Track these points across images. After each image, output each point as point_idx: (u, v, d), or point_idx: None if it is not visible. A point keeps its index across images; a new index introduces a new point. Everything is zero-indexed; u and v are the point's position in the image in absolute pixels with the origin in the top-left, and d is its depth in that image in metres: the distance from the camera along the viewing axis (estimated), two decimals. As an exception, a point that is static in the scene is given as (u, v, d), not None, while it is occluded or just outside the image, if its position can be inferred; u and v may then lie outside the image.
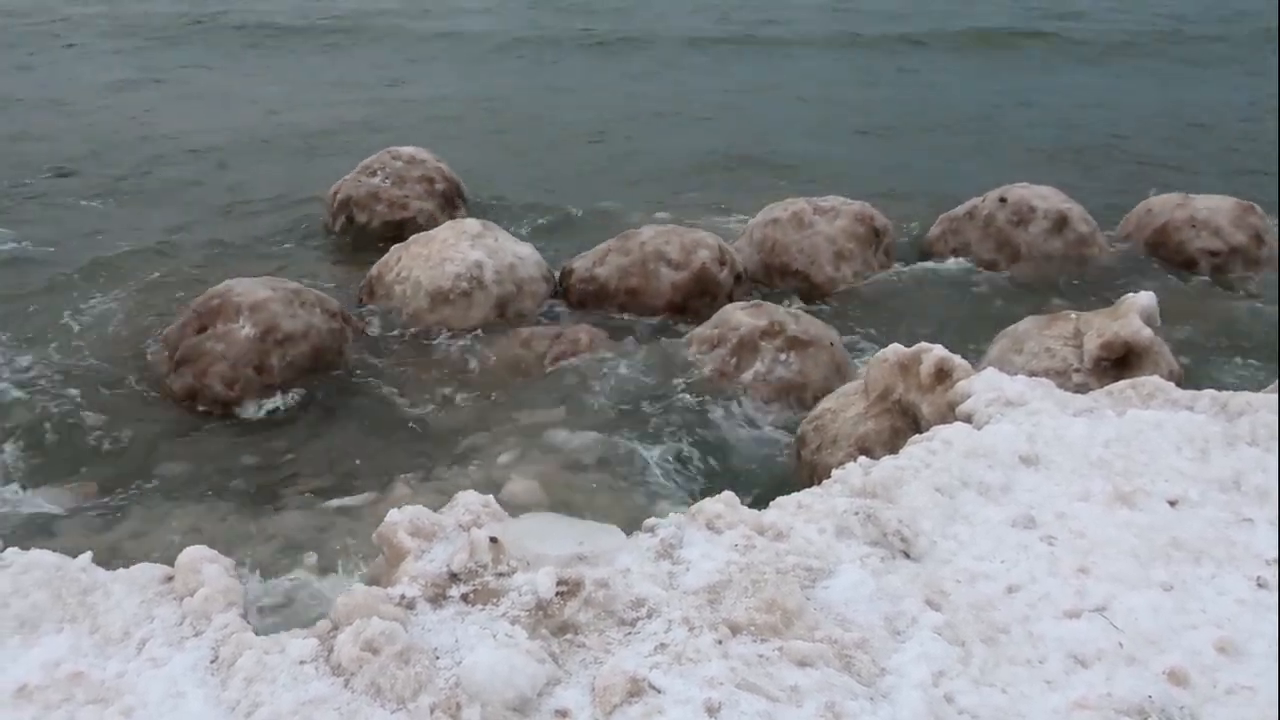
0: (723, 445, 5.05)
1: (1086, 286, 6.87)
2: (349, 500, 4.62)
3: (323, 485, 4.78)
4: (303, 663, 2.37)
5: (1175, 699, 2.30)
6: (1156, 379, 3.79)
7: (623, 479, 4.72)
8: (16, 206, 8.76)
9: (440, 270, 6.09)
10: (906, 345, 4.17)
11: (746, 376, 5.31)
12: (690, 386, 5.41)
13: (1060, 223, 7.02)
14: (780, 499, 3.14)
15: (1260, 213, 7.20)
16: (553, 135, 10.83)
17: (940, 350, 3.98)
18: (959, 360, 3.95)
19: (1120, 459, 3.23)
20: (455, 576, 2.64)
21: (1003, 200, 7.16)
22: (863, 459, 3.35)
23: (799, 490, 3.24)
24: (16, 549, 2.86)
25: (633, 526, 2.98)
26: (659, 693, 2.27)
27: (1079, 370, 4.70)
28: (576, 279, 6.45)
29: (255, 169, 9.72)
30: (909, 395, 4.01)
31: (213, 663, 2.44)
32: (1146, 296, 4.73)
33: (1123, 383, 3.83)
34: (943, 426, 3.50)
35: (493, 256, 6.21)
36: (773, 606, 2.52)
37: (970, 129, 11.21)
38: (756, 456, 4.97)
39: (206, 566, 2.76)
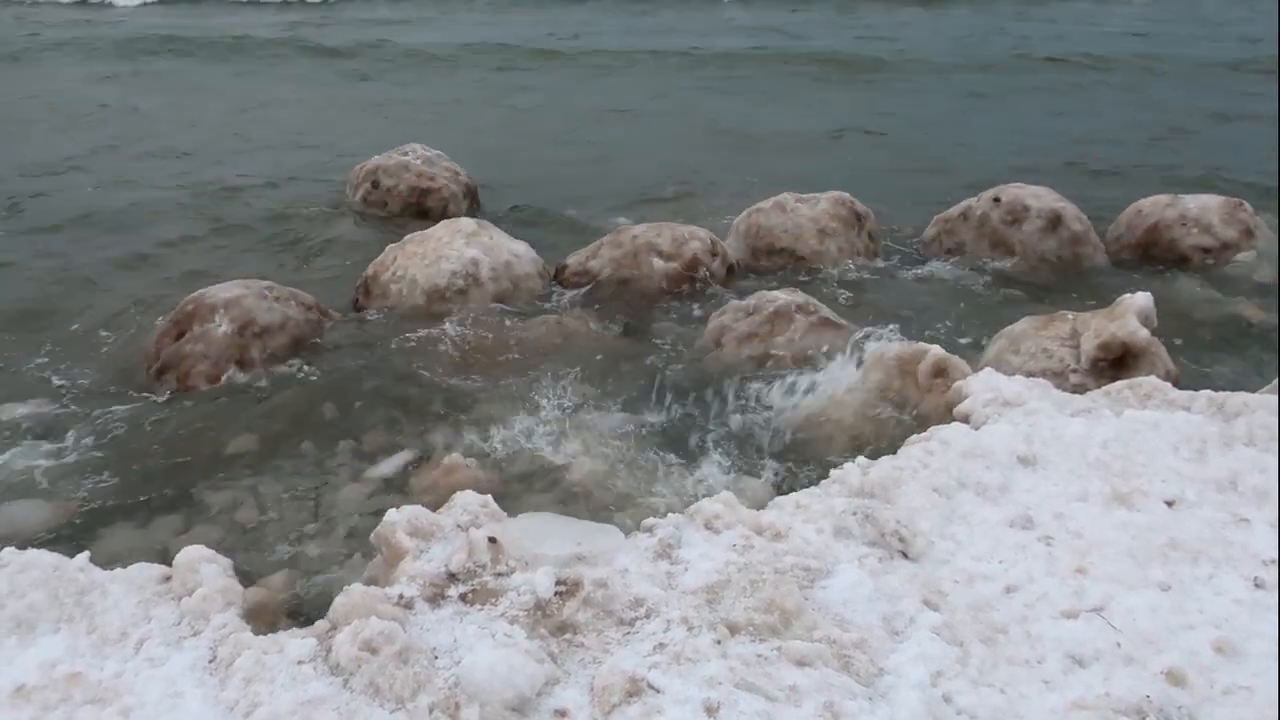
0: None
1: (1081, 286, 6.88)
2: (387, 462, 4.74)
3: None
4: (301, 662, 2.37)
5: (1173, 699, 2.31)
6: (1154, 379, 3.80)
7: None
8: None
9: (436, 268, 6.09)
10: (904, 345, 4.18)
11: (779, 340, 5.37)
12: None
13: (1054, 221, 7.02)
14: (778, 499, 3.15)
15: (1249, 208, 7.25)
16: (554, 146, 10.79)
17: (938, 350, 3.99)
18: (957, 360, 3.96)
19: (1118, 459, 3.24)
20: (454, 576, 2.64)
21: (997, 200, 7.17)
22: (861, 459, 3.35)
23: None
24: (13, 549, 2.85)
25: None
26: (658, 692, 2.27)
27: (1076, 371, 4.70)
28: (570, 272, 6.50)
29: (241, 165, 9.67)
30: (907, 395, 4.01)
31: (211, 662, 2.44)
32: (1143, 297, 4.73)
33: (1120, 383, 3.83)
34: (941, 427, 3.51)
35: (489, 254, 6.22)
36: (771, 606, 2.53)
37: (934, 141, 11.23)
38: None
39: (204, 566, 2.76)
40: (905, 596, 2.64)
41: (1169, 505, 3.02)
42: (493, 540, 2.70)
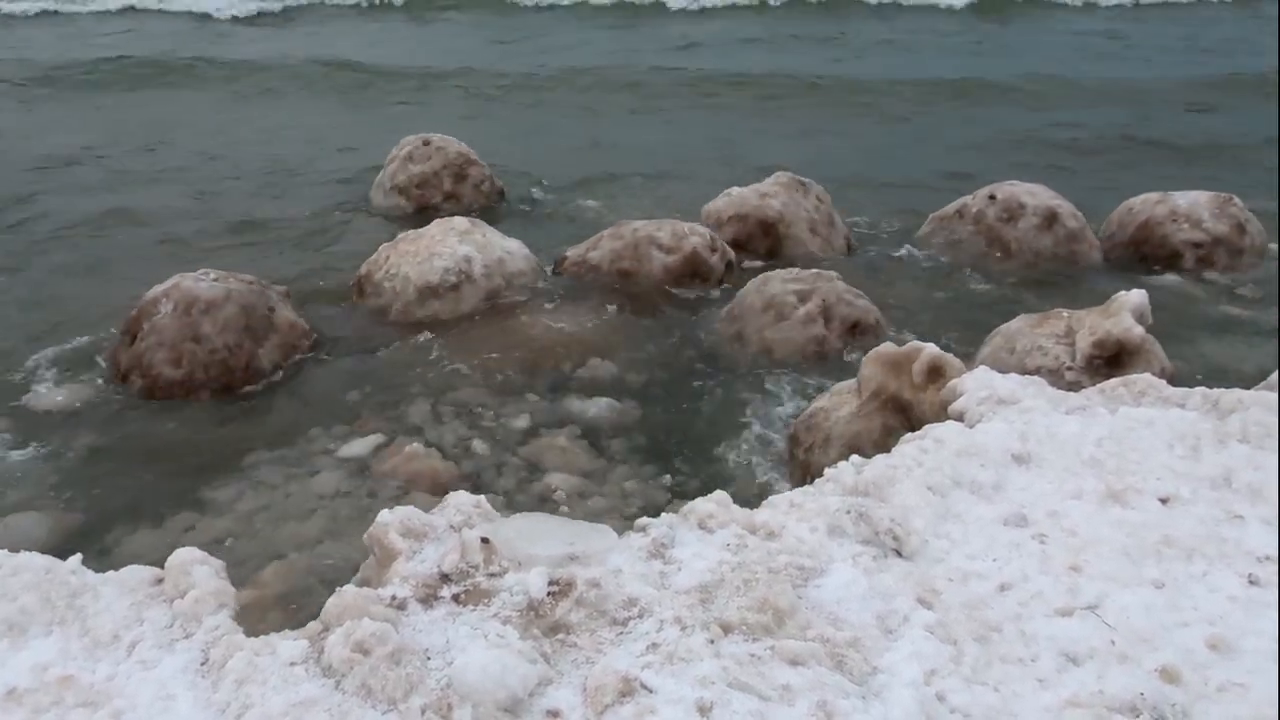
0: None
1: (1076, 283, 6.89)
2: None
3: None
4: (293, 664, 2.36)
5: (1167, 696, 2.30)
6: (1148, 376, 3.80)
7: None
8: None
9: (429, 265, 6.10)
10: (898, 344, 4.18)
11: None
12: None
13: (1050, 219, 7.04)
14: (772, 498, 3.14)
15: (1239, 203, 7.26)
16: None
17: (933, 349, 3.98)
18: (951, 358, 3.95)
19: (1112, 457, 3.24)
20: (446, 577, 2.63)
21: (992, 197, 7.19)
22: (855, 457, 3.34)
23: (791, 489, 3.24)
24: (6, 551, 2.84)
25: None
26: (651, 692, 2.27)
27: (1071, 368, 4.71)
28: (570, 263, 6.52)
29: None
30: (902, 394, 4.01)
31: (203, 665, 2.43)
32: (1138, 294, 4.74)
33: (1114, 380, 3.83)
34: (935, 425, 3.50)
35: (481, 251, 6.22)
36: (765, 606, 2.52)
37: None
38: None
39: (196, 568, 2.75)
40: (899, 595, 2.63)
41: (1163, 503, 3.02)
42: (485, 541, 2.69)
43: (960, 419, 3.58)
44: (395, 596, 2.56)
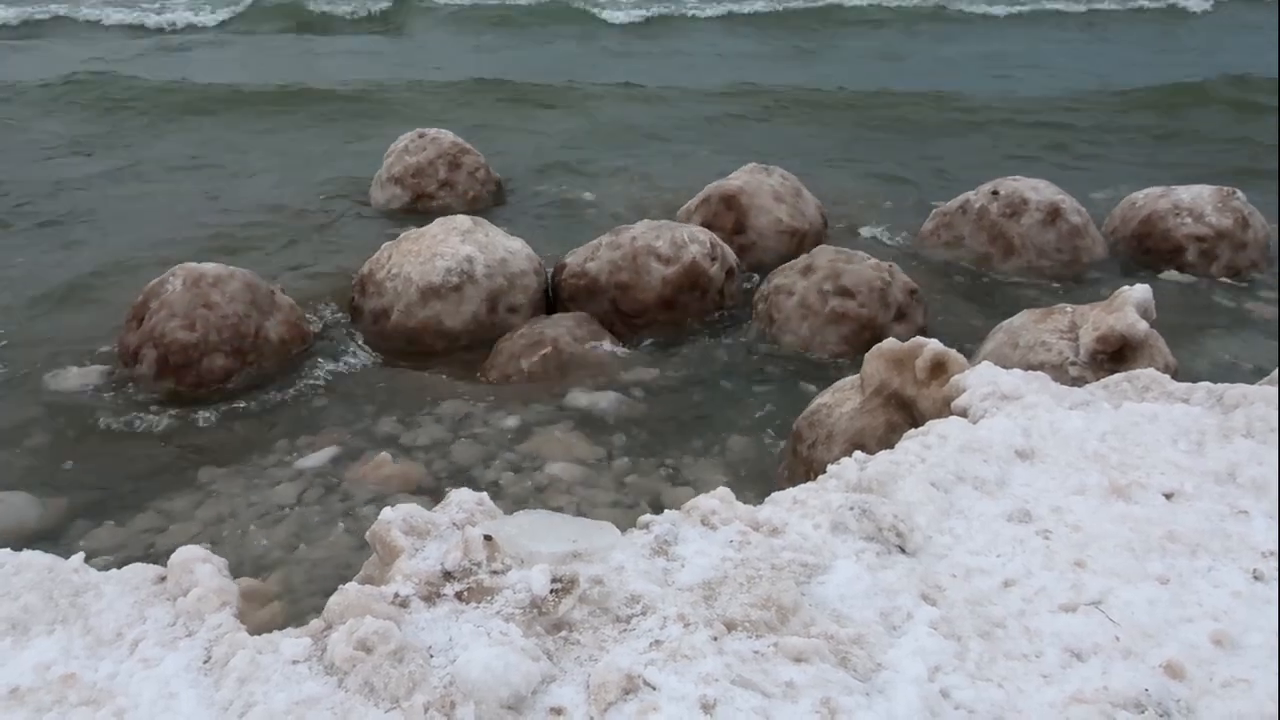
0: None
1: (1080, 278, 6.88)
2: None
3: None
4: (296, 662, 2.36)
5: (1172, 692, 2.30)
6: (1151, 371, 3.79)
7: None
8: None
9: (431, 265, 6.08)
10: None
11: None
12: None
13: (1053, 214, 7.02)
14: (776, 495, 3.13)
15: (1241, 196, 7.26)
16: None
17: (936, 344, 3.97)
18: (955, 354, 3.94)
19: (1116, 452, 3.23)
20: (449, 574, 2.63)
21: (995, 193, 7.17)
22: (858, 454, 3.33)
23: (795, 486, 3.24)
24: (9, 550, 2.85)
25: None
26: (654, 690, 2.26)
27: (1075, 363, 4.70)
28: (568, 274, 6.43)
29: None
30: (905, 390, 4.00)
31: (206, 663, 2.43)
32: (1142, 289, 4.72)
33: (1118, 375, 3.82)
34: (938, 421, 3.49)
35: (483, 251, 6.19)
36: (768, 603, 2.52)
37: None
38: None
39: (199, 566, 2.75)
40: (903, 591, 2.62)
41: (1167, 498, 3.01)
42: (488, 538, 2.69)
43: (963, 415, 3.57)
44: (398, 594, 2.56)
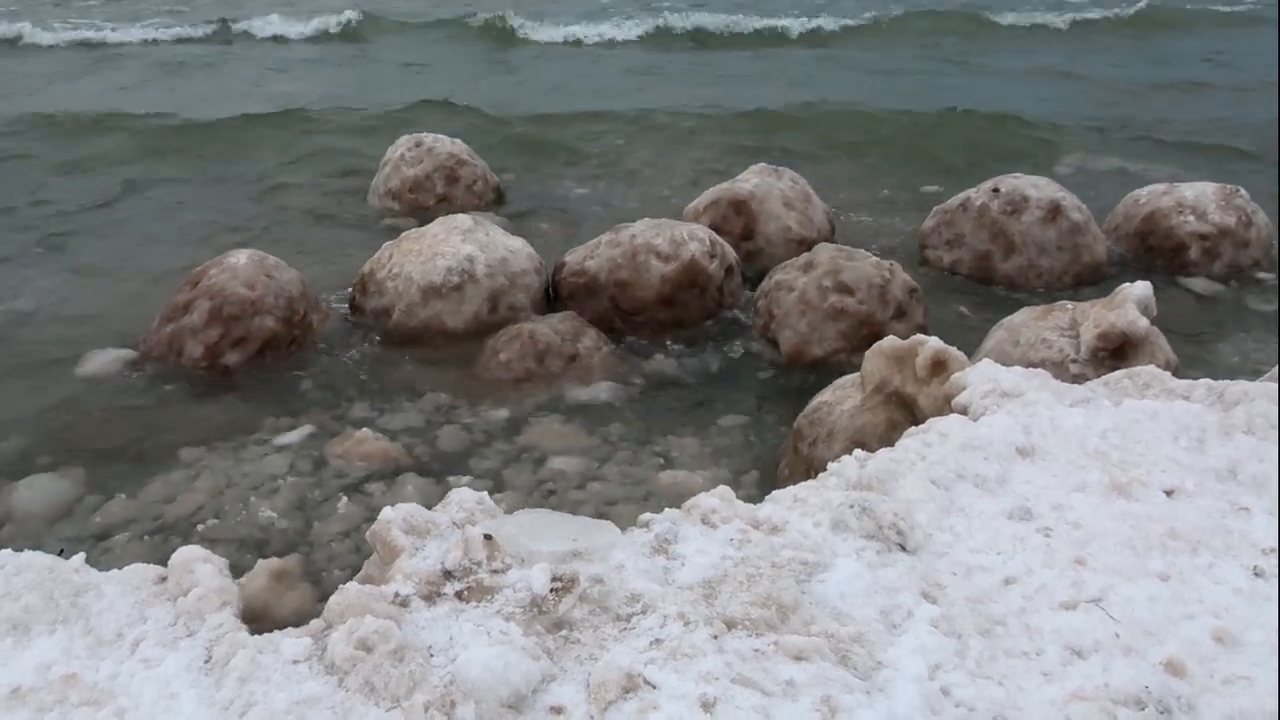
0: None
1: (1081, 276, 6.88)
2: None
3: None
4: (296, 662, 2.36)
5: (1172, 689, 2.29)
6: (1152, 368, 3.78)
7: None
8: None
9: (432, 265, 6.07)
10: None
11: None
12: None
13: (1054, 212, 7.00)
14: (776, 493, 3.13)
15: (1244, 194, 7.24)
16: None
17: (936, 342, 3.97)
18: (955, 352, 3.94)
19: (1117, 449, 3.22)
20: (449, 574, 2.63)
21: (995, 190, 7.15)
22: (859, 452, 3.33)
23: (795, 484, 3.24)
24: (9, 550, 2.85)
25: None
26: (654, 688, 2.26)
27: (1076, 361, 4.69)
28: (568, 272, 6.43)
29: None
30: (905, 388, 4.00)
31: (206, 663, 2.43)
32: (1142, 286, 4.72)
33: (1119, 373, 3.82)
34: (939, 419, 3.49)
35: (484, 250, 6.19)
36: (768, 601, 2.52)
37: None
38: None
39: (200, 566, 2.75)
40: (903, 589, 2.62)
41: (1168, 495, 3.01)
42: (488, 537, 2.69)
43: (964, 412, 3.57)
44: (398, 594, 2.56)
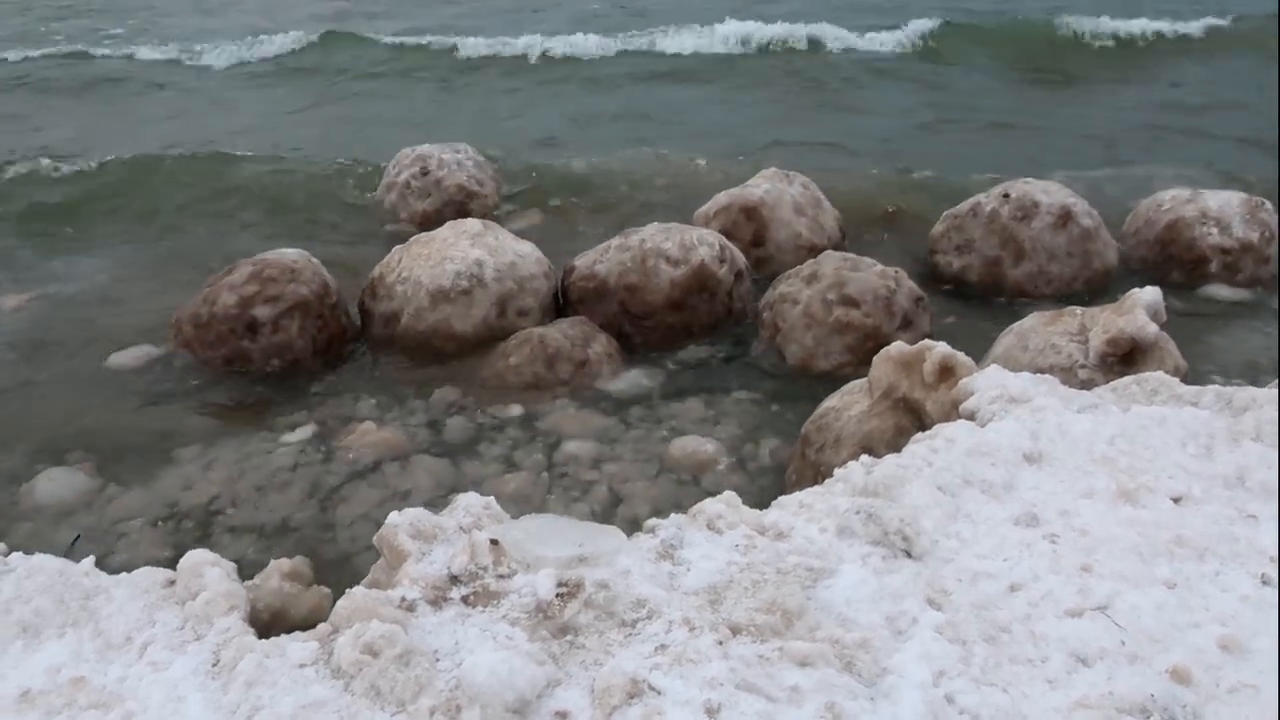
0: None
1: (1090, 282, 6.85)
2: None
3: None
4: (303, 666, 2.38)
5: (1178, 697, 2.29)
6: (1160, 374, 3.77)
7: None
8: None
9: (441, 269, 6.09)
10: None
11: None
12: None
13: (1064, 218, 6.97)
14: (782, 498, 3.14)
15: (1270, 206, 7.09)
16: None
17: (944, 347, 3.96)
18: (962, 357, 3.93)
19: (1124, 455, 3.21)
20: (455, 579, 2.64)
21: (1006, 196, 7.12)
22: (865, 458, 3.34)
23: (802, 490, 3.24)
24: (21, 554, 2.88)
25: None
26: (659, 694, 2.27)
27: (1084, 366, 4.68)
28: (577, 276, 6.43)
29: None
30: (912, 393, 3.99)
31: (214, 666, 2.45)
32: (1151, 292, 4.70)
33: (1127, 378, 3.80)
34: (946, 425, 3.49)
35: (493, 255, 6.20)
36: (773, 607, 2.52)
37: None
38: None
39: (208, 570, 2.77)
40: (908, 596, 2.62)
41: (1175, 502, 3.00)
42: (494, 542, 2.70)
43: (971, 418, 3.57)
44: (404, 598, 2.57)
